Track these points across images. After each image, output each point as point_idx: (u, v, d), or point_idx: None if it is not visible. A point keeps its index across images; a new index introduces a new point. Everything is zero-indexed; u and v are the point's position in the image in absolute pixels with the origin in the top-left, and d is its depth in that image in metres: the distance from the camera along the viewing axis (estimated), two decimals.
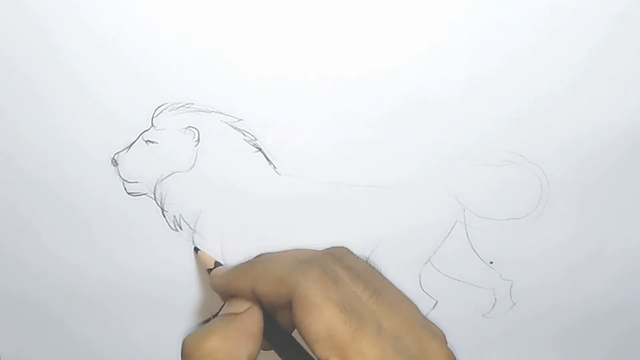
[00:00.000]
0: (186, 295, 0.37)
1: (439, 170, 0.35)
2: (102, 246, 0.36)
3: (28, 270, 0.37)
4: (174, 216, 0.35)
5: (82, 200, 0.35)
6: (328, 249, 0.31)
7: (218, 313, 0.31)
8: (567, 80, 0.34)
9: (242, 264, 0.32)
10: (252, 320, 0.29)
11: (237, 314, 0.29)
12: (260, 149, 0.35)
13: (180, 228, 0.36)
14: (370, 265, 0.31)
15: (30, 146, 0.34)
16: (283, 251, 0.32)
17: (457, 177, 0.36)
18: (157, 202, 0.35)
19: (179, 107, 0.34)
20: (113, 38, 0.32)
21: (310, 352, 0.27)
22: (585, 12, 0.33)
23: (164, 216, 0.35)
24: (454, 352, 0.28)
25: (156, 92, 0.33)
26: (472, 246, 0.37)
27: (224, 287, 0.31)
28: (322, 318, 0.26)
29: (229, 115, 0.34)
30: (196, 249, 0.35)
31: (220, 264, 0.35)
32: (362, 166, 0.35)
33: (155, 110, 0.34)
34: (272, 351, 0.30)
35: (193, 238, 0.35)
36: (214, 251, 0.36)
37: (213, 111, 0.34)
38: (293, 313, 0.27)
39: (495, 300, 0.38)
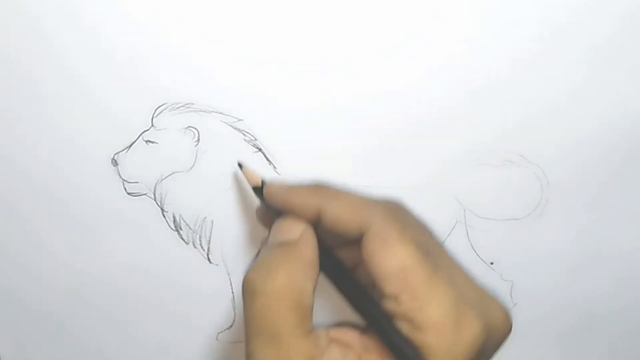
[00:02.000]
0: (186, 294, 0.37)
1: (439, 170, 0.35)
2: (102, 246, 0.36)
3: (28, 270, 0.37)
4: (174, 216, 0.35)
5: (82, 200, 0.35)
6: (388, 198, 0.30)
7: (267, 240, 0.29)
8: (567, 81, 0.34)
9: (308, 183, 0.29)
10: (309, 247, 0.27)
11: (292, 241, 0.27)
12: (260, 149, 0.35)
13: (181, 228, 0.36)
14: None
15: (31, 146, 0.34)
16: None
17: (457, 177, 0.36)
18: (157, 202, 0.35)
19: (179, 107, 0.34)
20: (113, 39, 0.32)
21: (372, 289, 0.26)
22: (585, 15, 0.33)
23: (164, 216, 0.35)
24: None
25: (156, 92, 0.33)
26: (472, 246, 0.37)
27: (285, 201, 0.29)
28: (397, 254, 0.25)
29: (229, 115, 0.34)
30: (240, 165, 0.33)
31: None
32: (362, 166, 0.35)
33: (155, 110, 0.34)
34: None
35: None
36: (214, 251, 0.36)
37: (213, 111, 0.34)
38: (363, 246, 0.26)
39: None
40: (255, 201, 0.33)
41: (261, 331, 0.25)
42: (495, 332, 0.27)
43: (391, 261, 0.25)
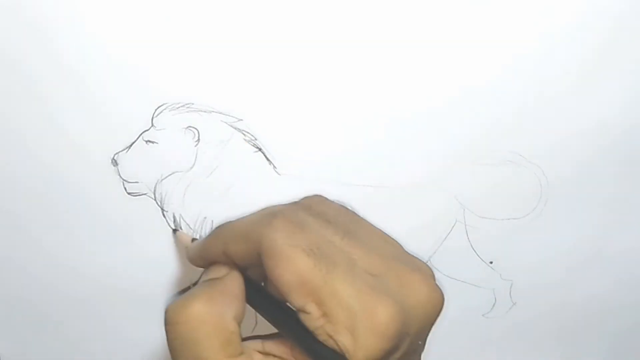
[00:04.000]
0: None
1: (439, 170, 0.35)
2: (102, 246, 0.36)
3: (28, 270, 0.37)
4: (174, 216, 0.35)
5: (82, 200, 0.35)
6: (299, 199, 0.30)
7: (197, 282, 0.30)
8: (567, 80, 0.34)
9: (210, 232, 0.30)
10: (233, 282, 0.27)
11: (217, 278, 0.28)
12: (260, 149, 0.35)
13: (181, 228, 0.36)
14: (345, 208, 0.29)
15: (30, 146, 0.34)
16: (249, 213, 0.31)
17: (457, 177, 0.36)
18: (157, 202, 0.35)
19: (179, 107, 0.34)
20: (113, 38, 0.32)
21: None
22: (585, 13, 0.33)
23: (164, 216, 0.35)
24: (442, 289, 0.27)
25: (156, 92, 0.33)
26: (472, 246, 0.37)
27: (199, 257, 0.30)
28: (290, 266, 0.25)
29: (229, 115, 0.34)
30: (174, 230, 0.35)
31: (196, 239, 0.34)
32: (362, 166, 0.35)
33: (155, 110, 0.34)
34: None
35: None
36: None
37: (213, 111, 0.34)
38: (264, 267, 0.26)
39: (495, 300, 0.38)
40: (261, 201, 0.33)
41: (184, 359, 0.26)
42: (417, 309, 0.26)
43: (287, 275, 0.25)
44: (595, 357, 0.41)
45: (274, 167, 0.35)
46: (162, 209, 0.35)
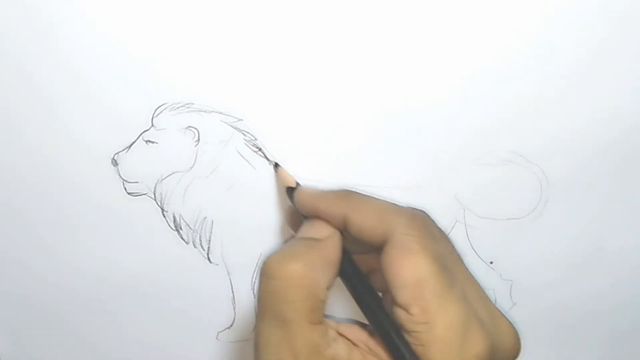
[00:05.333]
0: (186, 294, 0.37)
1: (439, 170, 0.35)
2: (102, 246, 0.36)
3: (28, 269, 0.37)
4: (174, 216, 0.35)
5: (82, 200, 0.35)
6: (413, 208, 0.30)
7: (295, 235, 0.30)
8: (567, 80, 0.34)
9: (336, 190, 0.30)
10: (333, 248, 0.28)
11: (318, 239, 0.28)
12: (260, 149, 0.35)
13: (181, 228, 0.36)
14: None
15: (31, 146, 0.34)
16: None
17: (457, 177, 0.36)
18: (157, 202, 0.35)
19: (179, 107, 0.34)
20: (113, 38, 0.32)
21: (387, 297, 0.27)
22: (585, 13, 0.33)
23: (164, 216, 0.35)
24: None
25: (156, 92, 0.33)
26: (472, 246, 0.37)
27: (312, 207, 0.30)
28: (415, 265, 0.25)
29: (229, 115, 0.34)
30: (276, 165, 0.34)
31: (300, 184, 0.33)
32: (362, 166, 0.35)
33: (155, 110, 0.34)
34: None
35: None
36: (214, 251, 0.36)
37: (213, 111, 0.34)
38: (384, 253, 0.26)
39: (495, 300, 0.38)
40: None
41: (271, 313, 0.26)
42: (501, 353, 0.27)
43: (408, 272, 0.26)
44: (595, 357, 0.41)
45: (274, 166, 0.35)
46: (162, 209, 0.35)
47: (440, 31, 0.33)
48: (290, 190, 0.32)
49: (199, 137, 0.34)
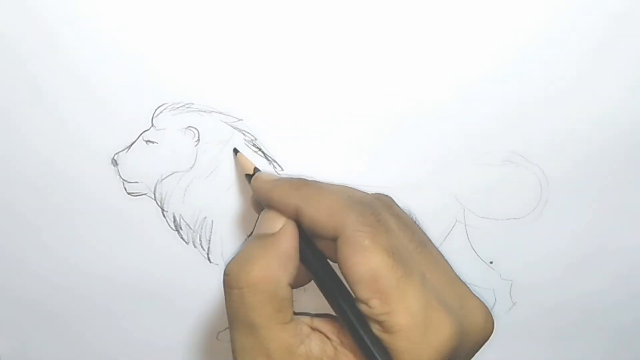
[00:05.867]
0: (186, 294, 0.37)
1: (439, 170, 0.35)
2: (102, 246, 0.36)
3: (28, 269, 0.37)
4: (174, 216, 0.35)
5: (82, 200, 0.35)
6: (376, 194, 0.31)
7: (251, 233, 0.30)
8: (567, 80, 0.34)
9: (291, 178, 0.31)
10: (288, 241, 0.28)
11: (272, 234, 0.28)
12: (260, 149, 0.35)
13: (181, 228, 0.36)
14: (413, 218, 0.31)
15: (30, 146, 0.34)
16: (331, 183, 0.31)
17: (457, 177, 0.36)
18: (157, 202, 0.35)
19: (179, 107, 0.34)
20: (113, 38, 0.32)
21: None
22: (584, 12, 0.33)
23: (164, 216, 0.35)
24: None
25: (156, 92, 0.33)
26: (472, 246, 0.37)
27: (267, 195, 0.30)
28: (368, 260, 0.26)
29: (229, 115, 0.34)
30: (235, 151, 0.34)
31: (259, 170, 0.33)
32: (362, 166, 0.35)
33: (155, 110, 0.34)
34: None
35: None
36: (214, 251, 0.36)
37: (213, 111, 0.34)
38: (337, 249, 0.26)
39: (495, 300, 0.38)
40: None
41: (239, 321, 0.27)
42: (472, 334, 0.27)
43: (362, 267, 0.26)
44: (595, 357, 0.41)
45: (274, 167, 0.35)
46: (162, 209, 0.35)
47: (440, 31, 0.33)
48: (249, 177, 0.32)
49: (199, 137, 0.34)
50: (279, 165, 0.35)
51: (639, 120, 0.35)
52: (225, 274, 0.27)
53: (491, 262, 0.38)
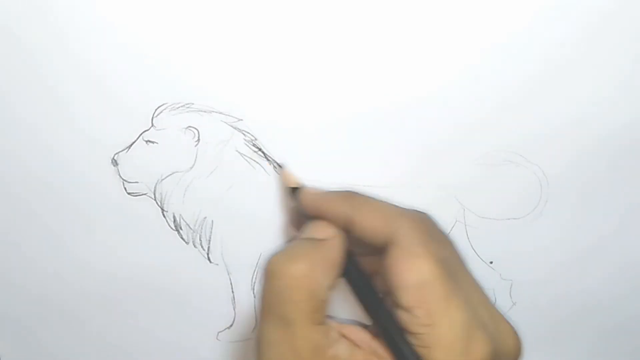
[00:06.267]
0: (186, 294, 0.37)
1: (439, 170, 0.35)
2: (102, 246, 0.36)
3: (27, 270, 0.37)
4: (174, 216, 0.35)
5: (82, 200, 0.35)
6: (415, 210, 0.31)
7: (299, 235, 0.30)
8: (567, 80, 0.34)
9: (340, 190, 0.31)
10: (336, 249, 0.28)
11: (321, 240, 0.28)
12: (260, 149, 0.35)
13: (181, 228, 0.36)
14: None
15: (30, 146, 0.34)
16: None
17: (457, 177, 0.36)
18: (157, 202, 0.35)
19: (179, 107, 0.34)
20: (113, 38, 0.32)
21: (388, 300, 0.27)
22: (580, 9, 0.33)
23: (164, 216, 0.35)
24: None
25: (156, 92, 0.33)
26: (472, 246, 0.37)
27: (316, 207, 0.30)
28: (419, 268, 0.26)
29: (229, 115, 0.34)
30: (281, 166, 0.34)
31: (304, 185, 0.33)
32: (362, 166, 0.35)
33: (155, 110, 0.34)
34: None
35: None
36: (214, 251, 0.36)
37: (213, 111, 0.34)
38: (387, 255, 0.26)
39: (495, 300, 0.38)
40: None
41: (273, 312, 0.26)
42: (503, 356, 0.27)
43: (412, 274, 0.26)
44: (596, 355, 0.41)
45: (274, 167, 0.35)
46: (162, 209, 0.35)
47: (437, 30, 0.33)
48: (294, 191, 0.33)
49: (199, 137, 0.34)
50: (279, 166, 0.35)
51: (639, 119, 0.35)
52: (268, 263, 0.27)
53: (491, 262, 0.38)
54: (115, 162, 0.34)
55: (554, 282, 0.38)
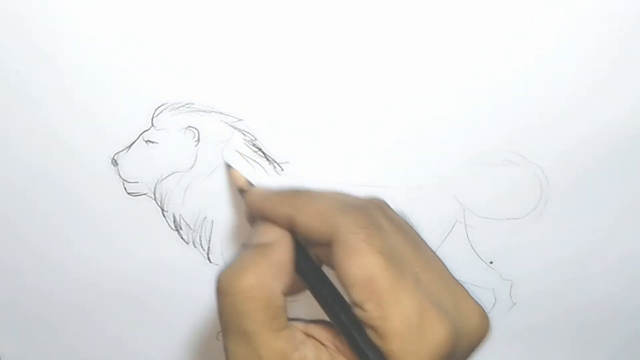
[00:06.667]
0: (186, 294, 0.37)
1: (439, 170, 0.35)
2: (102, 246, 0.36)
3: (27, 270, 0.37)
4: (174, 216, 0.35)
5: (82, 201, 0.35)
6: (369, 197, 0.30)
7: (245, 243, 0.30)
8: (567, 80, 0.34)
9: (284, 190, 0.30)
10: (282, 251, 0.28)
11: (266, 244, 0.28)
12: (260, 149, 0.35)
13: (181, 228, 0.36)
14: (407, 220, 0.31)
15: (30, 146, 0.34)
16: (324, 190, 0.30)
17: (457, 177, 0.36)
18: (157, 202, 0.35)
19: (179, 107, 0.34)
20: (113, 38, 0.32)
21: (343, 294, 0.27)
22: (584, 13, 0.33)
23: (164, 216, 0.35)
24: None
25: (156, 92, 0.33)
26: (472, 246, 0.37)
27: (260, 208, 0.30)
28: (362, 262, 0.26)
29: (229, 115, 0.34)
30: (228, 166, 0.34)
31: (252, 185, 0.33)
32: (362, 166, 0.35)
33: (155, 110, 0.34)
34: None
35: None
36: (214, 251, 0.36)
37: (213, 111, 0.34)
38: (332, 253, 0.26)
39: (495, 300, 0.38)
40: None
41: (232, 329, 0.26)
42: (467, 335, 0.27)
43: (356, 270, 0.26)
44: (595, 356, 0.41)
45: (274, 167, 0.35)
46: (162, 209, 0.35)
47: (439, 31, 0.33)
48: (242, 192, 0.32)
49: (199, 137, 0.34)
50: (279, 165, 0.35)
51: (639, 120, 0.35)
52: (217, 281, 0.27)
53: (491, 262, 0.38)
54: (115, 162, 0.34)
55: (554, 282, 0.38)
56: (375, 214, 0.28)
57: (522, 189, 0.36)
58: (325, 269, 0.29)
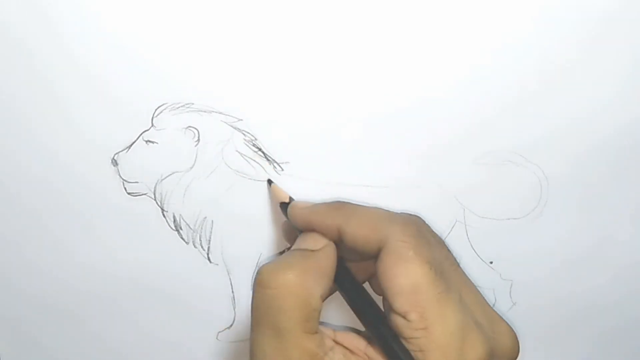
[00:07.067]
0: (186, 294, 0.37)
1: (439, 170, 0.35)
2: (102, 246, 0.36)
3: (27, 270, 0.37)
4: (174, 216, 0.35)
5: (82, 201, 0.35)
6: (407, 213, 0.30)
7: (290, 247, 0.30)
8: (568, 80, 0.34)
9: (329, 202, 0.31)
10: (327, 259, 0.28)
11: (312, 250, 0.28)
12: (260, 149, 0.35)
13: (181, 228, 0.36)
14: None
15: (30, 146, 0.34)
16: (367, 204, 0.31)
17: (457, 177, 0.36)
18: (157, 202, 0.35)
19: (179, 107, 0.34)
20: (114, 38, 0.32)
21: (382, 305, 0.27)
22: (580, 10, 0.33)
23: (164, 216, 0.35)
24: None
25: (156, 92, 0.33)
26: (472, 246, 0.37)
27: (306, 220, 0.30)
28: (410, 272, 0.26)
29: (229, 115, 0.34)
30: (270, 181, 0.35)
31: (293, 199, 0.33)
32: (362, 166, 0.35)
33: (155, 110, 0.34)
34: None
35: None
36: (214, 251, 0.36)
37: (213, 111, 0.34)
38: (379, 261, 0.27)
39: (495, 300, 0.38)
40: (258, 209, 0.34)
41: (264, 323, 0.26)
42: (500, 356, 0.27)
43: (404, 279, 0.26)
44: (595, 356, 0.41)
45: (274, 167, 0.35)
46: (162, 209, 0.35)
47: (437, 30, 0.33)
48: (284, 205, 0.33)
49: (199, 137, 0.34)
50: (279, 165, 0.35)
51: (638, 120, 0.35)
52: (259, 274, 0.27)
53: (491, 262, 0.38)
54: (115, 162, 0.34)
55: (554, 282, 0.38)
56: (422, 227, 0.28)
57: (522, 189, 0.36)
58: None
